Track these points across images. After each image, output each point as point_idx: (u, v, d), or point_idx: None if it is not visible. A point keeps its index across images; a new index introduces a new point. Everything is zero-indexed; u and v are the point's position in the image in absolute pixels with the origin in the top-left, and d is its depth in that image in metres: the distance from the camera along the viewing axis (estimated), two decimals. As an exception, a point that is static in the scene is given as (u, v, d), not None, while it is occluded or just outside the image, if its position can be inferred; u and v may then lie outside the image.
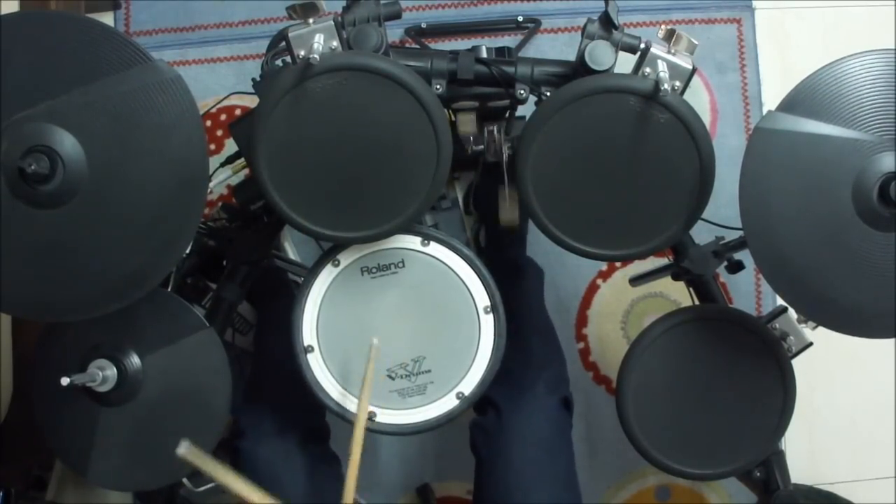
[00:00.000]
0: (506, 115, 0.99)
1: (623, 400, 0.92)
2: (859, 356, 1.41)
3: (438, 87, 0.87)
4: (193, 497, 1.11)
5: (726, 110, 1.44)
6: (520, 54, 1.22)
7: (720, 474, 0.94)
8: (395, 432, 0.89)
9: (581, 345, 1.45)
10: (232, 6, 1.45)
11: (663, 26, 0.78)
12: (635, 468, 1.44)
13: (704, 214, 0.83)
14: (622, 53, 0.82)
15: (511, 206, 1.03)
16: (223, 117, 1.44)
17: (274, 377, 1.10)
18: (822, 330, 0.85)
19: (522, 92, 0.87)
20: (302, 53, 0.77)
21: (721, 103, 1.45)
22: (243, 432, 0.98)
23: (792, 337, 0.94)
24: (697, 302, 1.03)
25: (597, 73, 0.80)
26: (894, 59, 0.78)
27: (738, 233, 0.87)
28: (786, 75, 1.45)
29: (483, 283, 0.88)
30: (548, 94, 0.85)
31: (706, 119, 1.43)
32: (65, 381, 0.79)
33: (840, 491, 1.35)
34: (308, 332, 0.88)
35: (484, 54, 0.92)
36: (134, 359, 0.87)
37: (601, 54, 0.80)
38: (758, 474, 0.96)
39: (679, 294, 1.36)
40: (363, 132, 0.78)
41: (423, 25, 1.43)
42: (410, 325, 0.88)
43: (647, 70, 0.78)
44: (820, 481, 1.41)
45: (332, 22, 0.78)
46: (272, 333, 1.19)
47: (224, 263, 1.06)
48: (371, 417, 0.89)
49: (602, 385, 1.45)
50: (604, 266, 1.44)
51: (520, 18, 1.42)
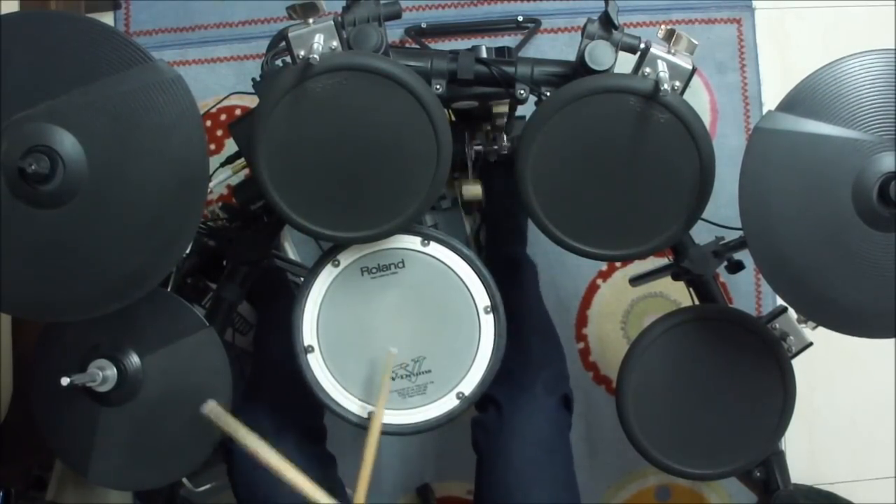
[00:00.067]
0: (489, 118, 0.99)
1: (623, 400, 0.92)
2: (859, 356, 1.41)
3: (438, 87, 0.86)
4: (193, 497, 1.11)
5: (726, 110, 1.45)
6: (520, 54, 1.22)
7: (720, 474, 0.94)
8: (396, 432, 0.89)
9: (581, 345, 1.45)
10: (232, 6, 1.45)
11: (663, 26, 0.78)
12: (635, 468, 1.44)
13: (704, 214, 0.83)
14: (622, 53, 0.82)
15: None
16: (223, 117, 1.44)
17: (273, 377, 1.10)
18: (822, 330, 0.85)
19: (522, 92, 0.87)
20: (302, 53, 0.77)
21: (721, 103, 1.45)
22: (242, 432, 0.98)
23: (792, 337, 0.94)
24: (697, 302, 1.03)
25: (597, 73, 0.80)
26: (894, 59, 0.78)
27: (738, 233, 0.87)
28: (786, 75, 1.45)
29: (483, 283, 0.88)
30: (548, 94, 0.85)
31: (706, 119, 1.43)
32: (65, 381, 0.79)
33: (840, 491, 1.35)
34: (308, 332, 0.88)
35: (484, 54, 0.92)
36: (134, 359, 0.87)
37: (601, 54, 0.80)
38: (758, 474, 0.96)
39: (679, 294, 1.36)
40: (363, 132, 0.78)
41: (423, 25, 1.43)
42: (410, 326, 0.88)
43: (647, 70, 0.78)
44: (820, 481, 1.41)
45: (332, 22, 0.78)
46: (272, 333, 1.19)
47: (224, 263, 1.06)
48: (371, 417, 0.89)
49: (602, 385, 1.45)
50: (604, 266, 1.44)
51: (520, 18, 1.43)
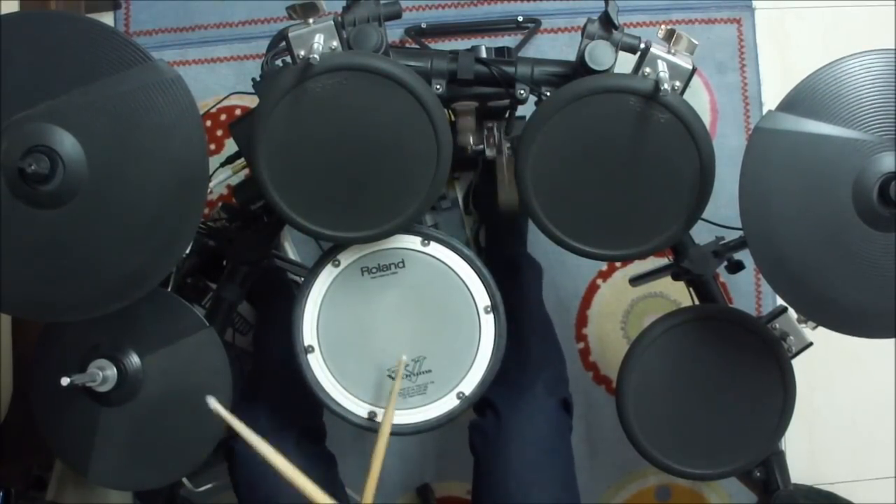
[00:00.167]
0: (506, 116, 0.99)
1: (623, 400, 0.92)
2: (859, 356, 1.41)
3: (438, 87, 0.87)
4: (193, 497, 1.11)
5: (726, 110, 1.45)
6: (520, 54, 1.22)
7: (720, 474, 0.94)
8: (396, 432, 0.88)
9: (581, 345, 1.45)
10: (232, 6, 1.45)
11: (663, 26, 0.78)
12: (635, 468, 1.44)
13: (704, 214, 0.83)
14: (622, 53, 0.82)
15: (510, 186, 1.01)
16: (223, 117, 1.44)
17: (272, 377, 1.10)
18: (822, 330, 0.85)
19: (522, 92, 0.87)
20: (302, 53, 0.77)
21: (721, 103, 1.45)
22: (241, 432, 0.98)
23: (792, 337, 0.94)
24: (697, 302, 1.03)
25: (597, 73, 0.80)
26: (894, 59, 0.78)
27: (738, 233, 0.87)
28: (786, 75, 1.45)
29: (483, 283, 0.88)
30: (548, 94, 0.85)
31: (706, 119, 1.43)
32: (65, 381, 0.79)
33: (840, 491, 1.35)
34: (308, 332, 0.88)
35: (484, 54, 0.92)
36: (134, 359, 0.87)
37: (601, 54, 0.80)
38: (758, 474, 0.96)
39: (679, 294, 1.36)
40: (363, 132, 0.78)
41: (423, 25, 1.43)
42: (411, 326, 0.88)
43: (647, 70, 0.78)
44: (820, 481, 1.41)
45: (332, 22, 0.78)
46: (272, 333, 1.19)
47: (224, 263, 1.06)
48: (371, 417, 0.89)
49: (602, 385, 1.45)
50: (604, 266, 1.44)
51: (520, 18, 1.43)
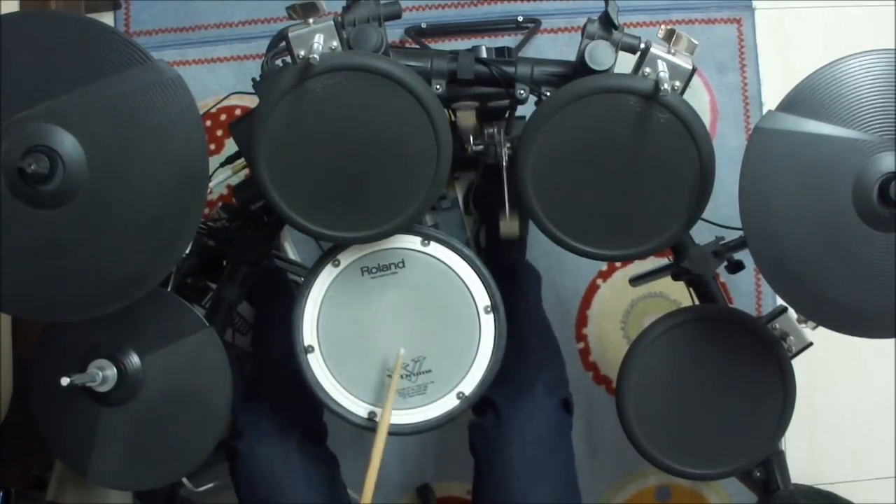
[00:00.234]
0: (506, 116, 0.99)
1: (623, 400, 0.92)
2: (859, 356, 1.41)
3: (438, 87, 0.87)
4: (193, 497, 1.11)
5: (726, 110, 1.44)
6: (520, 54, 1.22)
7: (720, 474, 0.94)
8: (396, 432, 0.89)
9: (581, 345, 1.45)
10: (232, 6, 1.45)
11: (663, 26, 0.78)
12: (635, 468, 1.44)
13: (704, 214, 0.83)
14: (622, 53, 0.82)
15: (511, 220, 1.03)
16: (223, 117, 1.44)
17: (273, 377, 1.10)
18: (822, 330, 0.85)
19: (522, 92, 0.87)
20: (302, 53, 0.77)
21: (721, 103, 1.45)
22: (241, 432, 0.98)
23: (792, 337, 0.94)
24: (697, 302, 1.03)
25: (597, 73, 0.80)
26: (894, 59, 0.78)
27: (738, 233, 0.87)
28: (786, 75, 1.45)
29: (483, 283, 0.88)
30: (548, 94, 0.85)
31: (706, 119, 1.43)
32: (65, 381, 0.79)
33: (840, 491, 1.35)
34: (308, 332, 0.88)
35: (484, 54, 0.92)
36: (134, 359, 0.87)
37: (601, 54, 0.80)
38: (758, 474, 0.96)
39: (679, 294, 1.36)
40: (363, 132, 0.78)
41: (423, 25, 1.42)
42: (411, 325, 0.88)
43: (647, 70, 0.78)
44: (820, 481, 1.41)
45: (332, 22, 0.78)
46: (271, 333, 1.19)
47: (224, 263, 1.06)
48: (372, 417, 0.89)
49: (602, 385, 1.45)
50: (604, 266, 1.44)
51: (520, 18, 1.42)
